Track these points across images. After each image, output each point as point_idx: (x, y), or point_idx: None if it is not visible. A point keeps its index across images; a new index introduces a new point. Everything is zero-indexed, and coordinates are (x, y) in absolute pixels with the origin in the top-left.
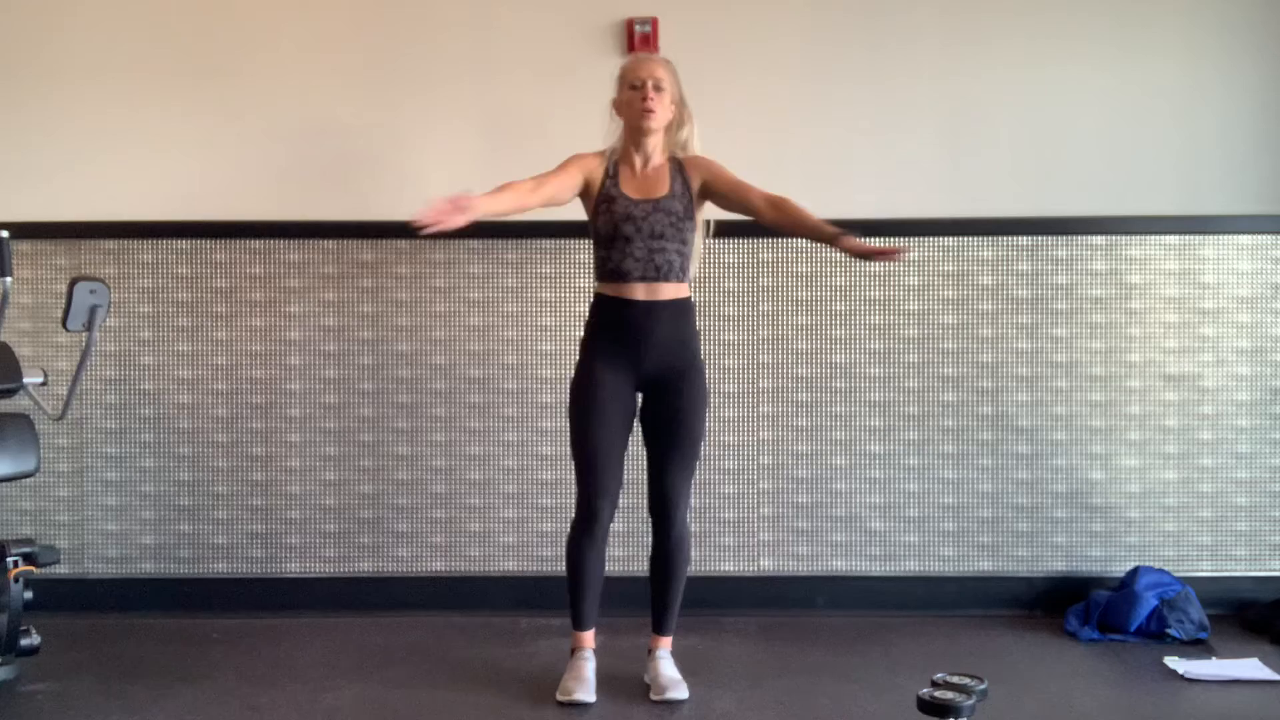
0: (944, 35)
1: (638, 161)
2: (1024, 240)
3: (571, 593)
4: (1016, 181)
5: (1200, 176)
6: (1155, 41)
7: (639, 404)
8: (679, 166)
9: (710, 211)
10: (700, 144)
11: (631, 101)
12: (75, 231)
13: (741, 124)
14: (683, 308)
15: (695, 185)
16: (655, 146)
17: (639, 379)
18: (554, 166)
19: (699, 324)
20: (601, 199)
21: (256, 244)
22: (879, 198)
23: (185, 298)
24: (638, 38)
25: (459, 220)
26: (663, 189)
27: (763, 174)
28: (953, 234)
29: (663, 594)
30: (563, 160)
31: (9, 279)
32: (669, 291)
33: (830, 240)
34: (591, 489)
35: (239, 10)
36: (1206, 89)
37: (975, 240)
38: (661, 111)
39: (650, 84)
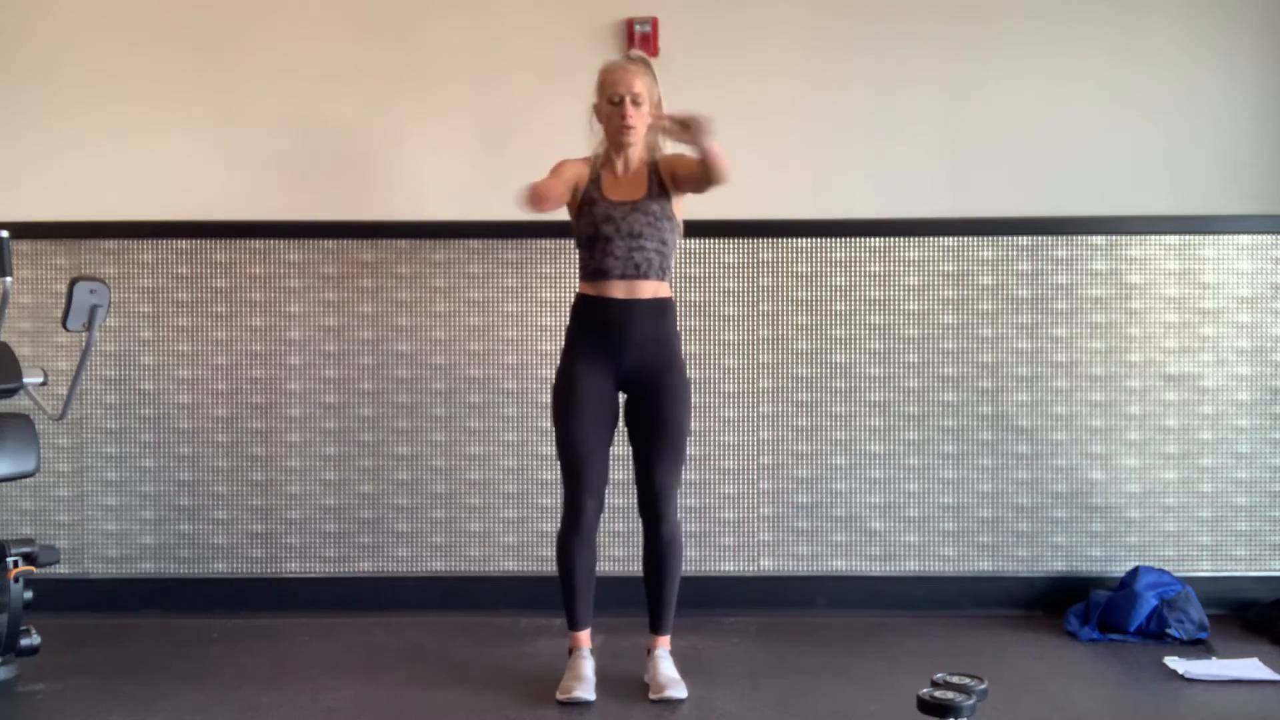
0: (944, 34)
1: (619, 166)
2: (1024, 240)
3: (565, 593)
4: (1016, 181)
5: (1200, 176)
6: (1155, 42)
7: (622, 403)
8: (655, 168)
9: (685, 212)
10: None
11: (611, 117)
12: (75, 231)
13: (741, 123)
14: (662, 307)
15: (669, 184)
16: (636, 152)
17: (619, 377)
18: (549, 173)
19: (697, 324)
20: (584, 202)
21: (256, 244)
22: (879, 197)
23: (185, 298)
24: (638, 38)
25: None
26: (641, 191)
27: (763, 173)
28: (953, 234)
29: (658, 593)
30: (554, 167)
31: (9, 279)
32: (648, 290)
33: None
34: (576, 486)
35: (238, 10)
36: (1206, 89)
37: (975, 240)
38: (640, 125)
39: (628, 100)
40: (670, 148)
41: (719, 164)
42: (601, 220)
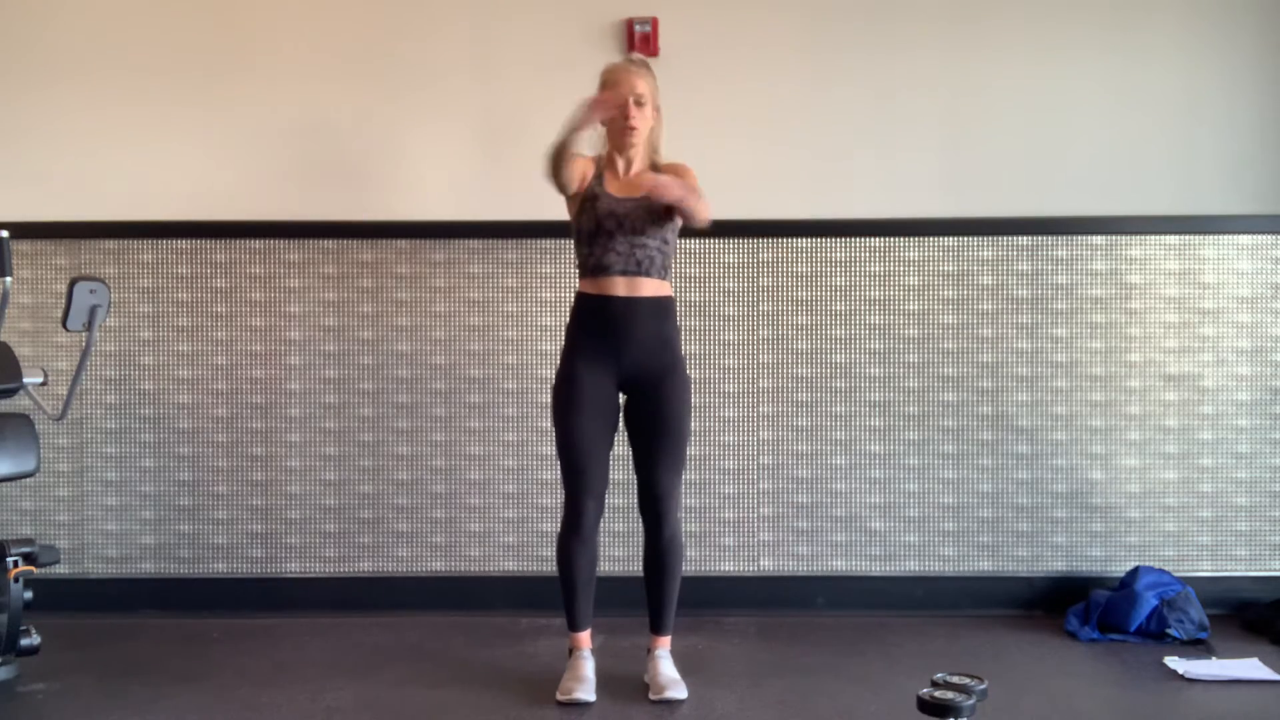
0: (944, 34)
1: (620, 165)
2: (1024, 240)
3: (565, 594)
4: (1016, 181)
5: (1200, 176)
6: (1155, 42)
7: (622, 403)
8: (658, 171)
9: None
10: (665, 137)
11: (614, 118)
12: (75, 231)
13: (742, 123)
14: (663, 305)
15: None
16: (638, 153)
17: (620, 377)
18: None
19: (697, 324)
20: (586, 198)
21: (256, 244)
22: (879, 197)
23: (185, 298)
24: (638, 38)
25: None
26: (643, 189)
27: (763, 172)
28: (953, 234)
29: (658, 594)
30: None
31: (9, 279)
32: (650, 288)
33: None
34: (576, 488)
35: (239, 10)
36: (1206, 89)
37: (975, 240)
38: (643, 126)
39: (631, 100)
40: (666, 150)
41: (689, 212)
42: (604, 215)
